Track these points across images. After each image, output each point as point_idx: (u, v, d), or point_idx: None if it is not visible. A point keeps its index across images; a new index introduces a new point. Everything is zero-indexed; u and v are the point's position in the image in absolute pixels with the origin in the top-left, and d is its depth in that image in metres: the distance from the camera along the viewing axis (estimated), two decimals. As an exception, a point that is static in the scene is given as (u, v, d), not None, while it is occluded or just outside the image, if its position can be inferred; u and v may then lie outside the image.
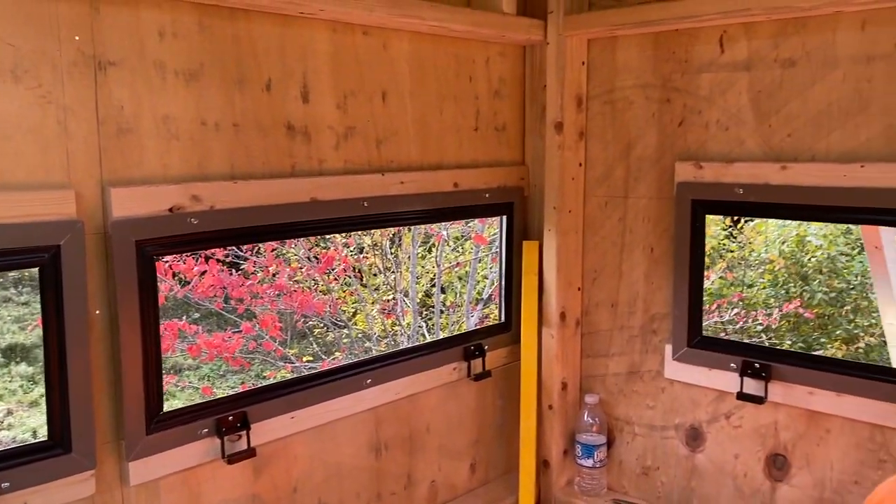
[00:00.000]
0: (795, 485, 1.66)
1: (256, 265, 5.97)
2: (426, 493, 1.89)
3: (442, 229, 5.87)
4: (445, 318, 6.44)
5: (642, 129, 1.85)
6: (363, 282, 6.37)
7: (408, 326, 6.15)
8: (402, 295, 6.23)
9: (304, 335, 6.94)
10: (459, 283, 6.60)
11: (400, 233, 6.16)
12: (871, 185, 1.49)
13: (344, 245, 6.29)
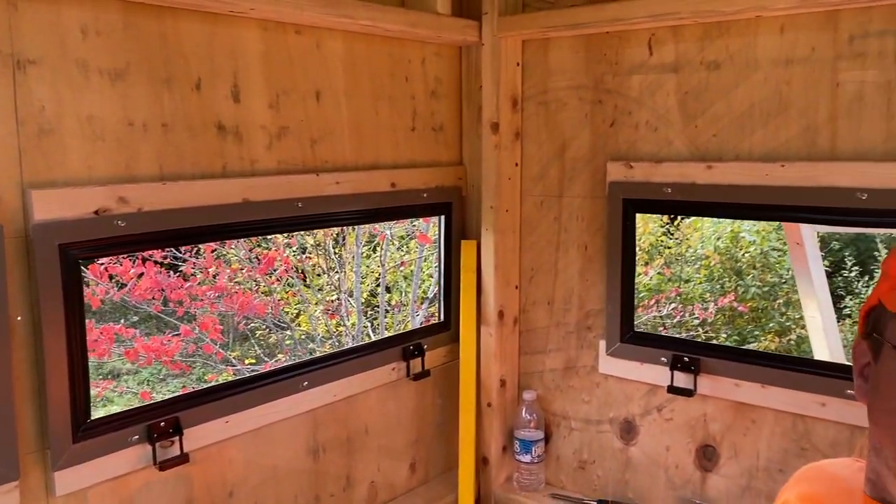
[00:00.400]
0: (724, 474, 1.71)
1: (196, 267, 5.86)
2: (365, 493, 1.89)
3: (386, 228, 5.86)
4: (391, 318, 6.43)
5: (576, 130, 1.88)
6: (306, 282, 6.32)
7: (352, 327, 6.12)
8: (347, 295, 6.20)
9: (246, 337, 6.84)
10: (405, 283, 6.60)
11: (344, 232, 6.13)
12: (791, 184, 1.54)
13: (286, 245, 6.22)
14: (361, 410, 1.85)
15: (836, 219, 1.54)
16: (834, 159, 1.50)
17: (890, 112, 1.44)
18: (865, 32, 1.46)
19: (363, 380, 1.82)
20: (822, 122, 1.52)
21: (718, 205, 1.67)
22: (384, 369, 1.87)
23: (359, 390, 1.82)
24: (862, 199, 1.45)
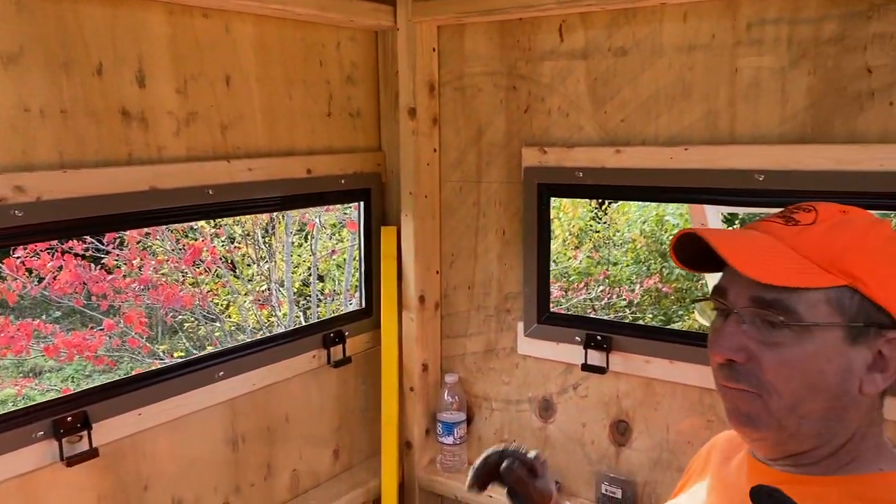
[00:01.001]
0: (637, 448, 1.77)
1: (119, 258, 5.69)
2: (288, 482, 1.89)
3: (315, 216, 5.80)
4: (323, 307, 6.38)
5: (491, 116, 1.90)
6: (236, 273, 6.21)
7: (284, 317, 6.05)
8: (278, 285, 6.12)
9: (175, 330, 6.68)
10: (337, 271, 6.56)
11: (274, 221, 6.04)
12: (694, 167, 1.60)
13: (214, 235, 6.09)
14: (282, 399, 1.84)
15: (736, 199, 1.60)
16: (733, 142, 1.56)
17: (784, 97, 1.51)
18: (762, 20, 1.51)
19: (283, 368, 1.81)
20: (723, 107, 1.57)
21: (627, 188, 1.72)
22: (304, 357, 1.87)
23: (278, 379, 1.81)
24: (759, 180, 1.52)
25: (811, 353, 0.85)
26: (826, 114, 1.46)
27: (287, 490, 1.89)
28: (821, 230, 0.88)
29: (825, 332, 0.85)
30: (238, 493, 1.76)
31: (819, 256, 0.86)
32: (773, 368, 0.86)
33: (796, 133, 1.50)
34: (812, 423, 0.87)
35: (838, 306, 0.85)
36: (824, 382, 0.85)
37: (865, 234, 0.87)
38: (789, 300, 0.85)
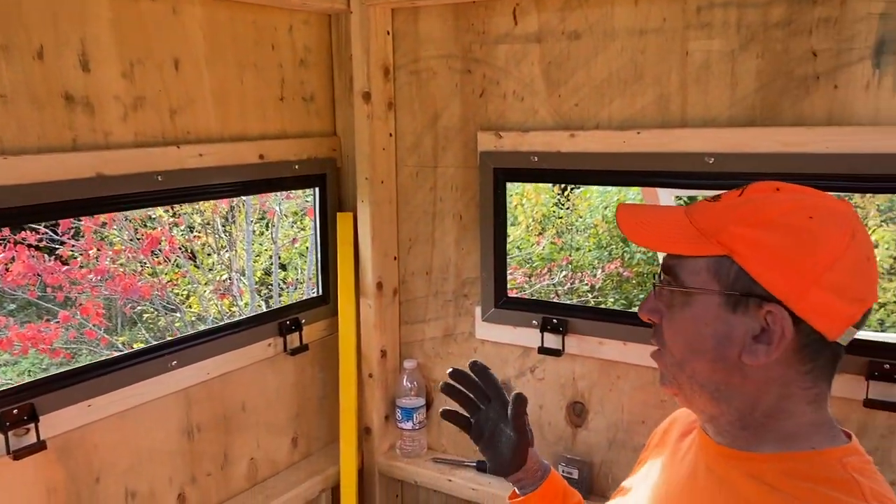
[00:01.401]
0: (593, 428, 1.79)
1: (75, 249, 5.57)
2: (245, 471, 1.87)
3: (275, 204, 5.74)
4: (286, 296, 6.33)
5: (447, 100, 1.89)
6: (196, 262, 6.12)
7: (246, 306, 5.99)
8: (239, 274, 6.05)
9: (134, 322, 6.57)
10: (300, 260, 6.51)
11: (234, 210, 5.96)
12: (646, 150, 1.61)
13: (173, 224, 6.00)
14: (238, 387, 1.82)
15: (687, 182, 1.62)
16: (684, 126, 1.58)
17: (734, 80, 1.52)
18: (711, 3, 1.53)
19: (238, 357, 1.79)
20: (674, 90, 1.59)
21: (582, 172, 1.73)
22: (260, 345, 1.85)
23: (234, 367, 1.79)
24: (709, 163, 1.54)
25: (691, 316, 0.92)
26: (774, 97, 1.48)
27: (245, 479, 1.87)
28: (724, 205, 0.93)
29: (704, 298, 0.91)
30: (194, 483, 1.74)
31: (707, 227, 0.92)
32: (667, 328, 0.96)
33: (745, 116, 1.52)
34: (701, 384, 0.93)
35: (716, 274, 0.90)
36: (702, 345, 0.91)
37: (762, 210, 0.89)
38: (677, 267, 0.94)
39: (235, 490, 1.85)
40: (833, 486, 0.84)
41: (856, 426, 1.45)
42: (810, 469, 0.87)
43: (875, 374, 1.40)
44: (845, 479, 0.84)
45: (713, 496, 0.91)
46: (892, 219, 7.92)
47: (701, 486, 0.94)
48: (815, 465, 0.87)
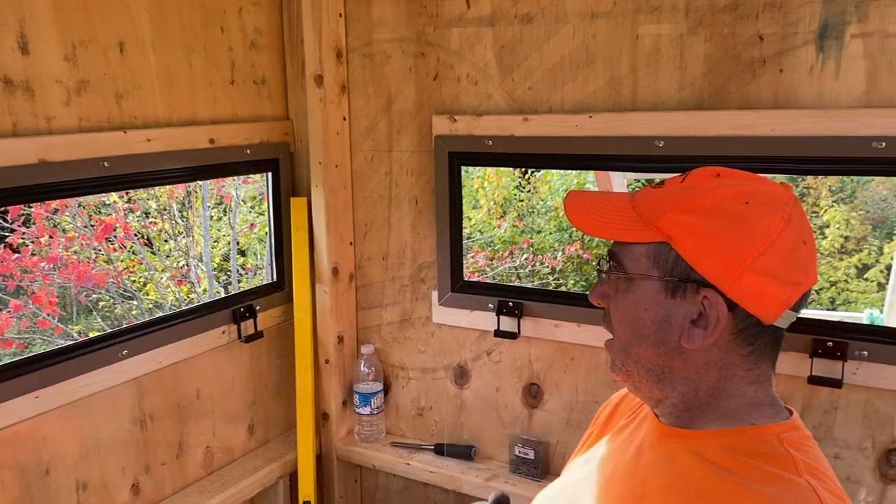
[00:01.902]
0: (548, 409, 1.82)
1: (25, 236, 5.43)
2: (201, 459, 1.85)
3: (232, 189, 5.66)
4: (245, 282, 6.26)
5: (401, 83, 1.88)
6: (152, 249, 6.02)
7: (204, 293, 5.92)
8: (197, 260, 5.96)
9: (89, 310, 6.45)
10: (259, 245, 6.44)
11: (191, 195, 5.87)
12: (598, 134, 1.62)
13: (128, 210, 5.88)
14: (191, 376, 1.80)
15: (637, 166, 1.64)
16: (635, 109, 1.59)
17: (682, 64, 1.54)
18: (661, -12, 1.54)
19: (191, 345, 1.77)
20: (625, 74, 1.60)
21: (535, 156, 1.73)
22: (213, 333, 1.82)
23: (187, 356, 1.77)
24: (659, 146, 1.55)
25: (632, 301, 0.94)
26: (722, 80, 1.50)
27: (201, 467, 1.86)
28: (665, 192, 0.94)
29: (644, 283, 0.93)
30: (148, 473, 1.72)
31: (648, 214, 0.93)
32: (613, 313, 0.97)
33: (694, 99, 1.53)
34: (646, 369, 0.95)
35: (655, 260, 0.92)
36: (643, 329, 0.93)
37: (699, 196, 0.90)
38: (620, 253, 0.96)
39: (191, 479, 1.84)
40: (768, 460, 0.86)
41: (800, 402, 1.49)
42: (748, 444, 0.89)
43: (819, 351, 1.44)
44: (781, 453, 0.87)
45: (656, 473, 0.93)
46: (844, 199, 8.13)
47: (645, 464, 0.96)
48: (752, 441, 0.89)
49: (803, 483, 0.82)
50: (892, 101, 1.35)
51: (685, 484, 0.88)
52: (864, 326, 1.55)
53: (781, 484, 0.82)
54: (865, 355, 1.41)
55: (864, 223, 7.83)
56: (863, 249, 7.66)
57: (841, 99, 1.40)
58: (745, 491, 0.83)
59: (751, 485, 0.83)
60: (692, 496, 0.86)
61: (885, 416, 1.42)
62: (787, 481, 0.83)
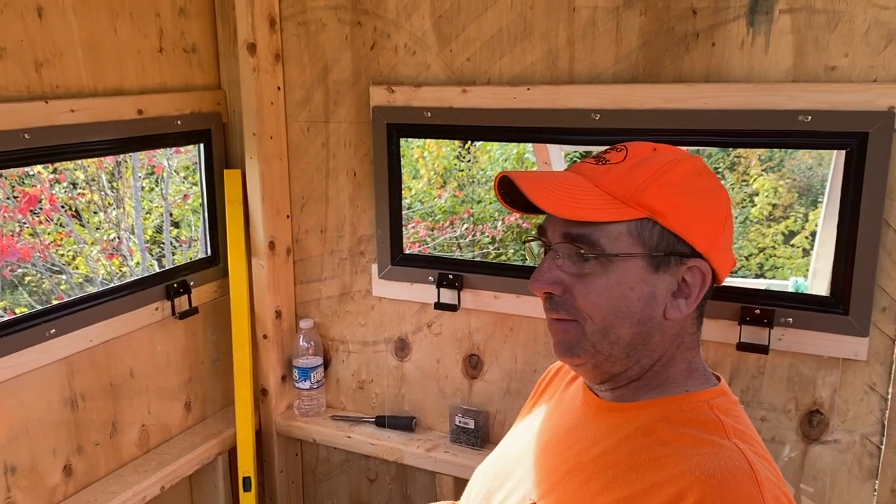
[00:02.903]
0: (488, 379, 1.84)
1: (-58, 210, 5.17)
2: (136, 438, 1.82)
3: (164, 159, 5.49)
4: (179, 254, 6.11)
5: (337, 53, 1.84)
6: (81, 221, 5.81)
7: (137, 266, 5.76)
8: (128, 233, 5.79)
9: (14, 285, 6.20)
10: (193, 217, 6.27)
11: (120, 165, 5.67)
12: (536, 107, 1.63)
13: (54, 181, 5.65)
14: (124, 354, 1.75)
15: (574, 139, 1.65)
16: (572, 82, 1.60)
17: (618, 36, 1.55)
18: (597, -40, 1.54)
19: (122, 322, 1.72)
20: (562, 46, 1.60)
21: (474, 128, 1.72)
22: (146, 310, 1.78)
23: (118, 333, 1.72)
24: (595, 119, 1.57)
25: (615, 282, 0.92)
26: (656, 54, 1.52)
27: (136, 446, 1.82)
28: (625, 168, 0.95)
29: (628, 262, 0.92)
30: (81, 454, 1.68)
31: (621, 192, 0.92)
32: (583, 297, 0.93)
33: (629, 73, 1.55)
34: (622, 347, 0.95)
35: (639, 237, 0.92)
36: (629, 308, 0.93)
37: (666, 170, 0.93)
38: (593, 234, 0.92)
39: (127, 458, 1.80)
40: (699, 426, 0.90)
41: (729, 368, 1.55)
42: (680, 412, 0.92)
43: (747, 319, 1.49)
44: (711, 419, 0.90)
45: (590, 444, 0.96)
46: (772, 168, 8.40)
47: (580, 436, 0.98)
48: (685, 408, 0.92)
49: (732, 447, 0.86)
50: (817, 76, 1.39)
51: (619, 454, 0.91)
52: (790, 294, 1.62)
53: (712, 448, 0.86)
54: (790, 322, 1.47)
55: (791, 191, 8.11)
56: (789, 217, 7.94)
57: (770, 73, 1.43)
58: (678, 457, 0.86)
59: (683, 451, 0.86)
60: (626, 466, 0.89)
61: (807, 379, 1.49)
62: (716, 446, 0.86)
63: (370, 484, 2.06)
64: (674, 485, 0.82)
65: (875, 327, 1.41)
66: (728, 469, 0.82)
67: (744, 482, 0.81)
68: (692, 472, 0.82)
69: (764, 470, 0.83)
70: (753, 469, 0.82)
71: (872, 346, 1.42)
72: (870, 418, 1.45)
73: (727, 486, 0.80)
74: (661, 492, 0.82)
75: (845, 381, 1.46)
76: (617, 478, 0.88)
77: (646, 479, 0.85)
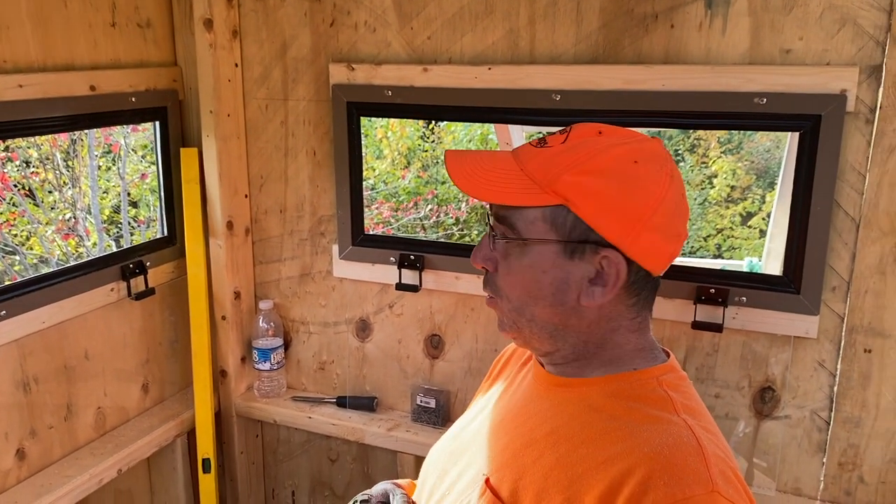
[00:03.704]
0: (449, 359, 1.85)
1: None
2: (92, 420, 1.79)
3: (120, 137, 5.37)
4: (138, 235, 6.01)
5: (296, 29, 1.81)
6: (35, 200, 5.67)
7: (94, 246, 5.64)
8: (84, 213, 5.67)
9: (-34, 266, 6.03)
10: (151, 196, 6.16)
11: (76, 143, 5.53)
12: (497, 87, 1.62)
13: (6, 160, 5.50)
14: (79, 335, 1.72)
15: (536, 119, 1.65)
16: (533, 62, 1.60)
17: (579, 17, 1.55)
18: (558, -62, 1.53)
19: (76, 304, 1.69)
20: (523, 26, 1.59)
21: (435, 108, 1.72)
22: (101, 291, 1.74)
23: (72, 315, 1.68)
24: (556, 100, 1.57)
25: (529, 265, 0.94)
26: (616, 35, 1.52)
27: (92, 429, 1.79)
28: (554, 152, 0.94)
29: (541, 247, 0.93)
30: (34, 437, 1.64)
31: (541, 177, 0.92)
32: (503, 276, 0.97)
33: (590, 53, 1.55)
34: (540, 326, 0.97)
35: (553, 224, 0.92)
36: (541, 291, 0.94)
37: (593, 155, 0.91)
38: (512, 217, 0.94)
39: (82, 441, 1.77)
40: (648, 402, 0.91)
41: (684, 346, 1.58)
42: (630, 388, 0.93)
43: (702, 298, 1.52)
44: (661, 395, 0.92)
45: (543, 420, 0.97)
46: (731, 150, 8.53)
47: (532, 412, 0.99)
48: (634, 385, 0.94)
49: (681, 422, 0.87)
50: (773, 59, 1.41)
51: (570, 429, 0.92)
52: (744, 274, 1.65)
53: (660, 425, 0.87)
54: (744, 301, 1.50)
55: (749, 173, 8.25)
56: (747, 198, 8.09)
57: (727, 55, 1.45)
58: (628, 433, 0.87)
59: (633, 427, 0.88)
60: (577, 441, 0.90)
61: (760, 357, 1.52)
62: (665, 421, 0.88)
63: (331, 464, 2.06)
64: (623, 461, 0.83)
65: (825, 306, 1.45)
66: (675, 445, 0.83)
67: (691, 458, 0.82)
68: (640, 449, 0.84)
69: (711, 445, 0.85)
70: (701, 444, 0.84)
71: (822, 325, 1.46)
72: (819, 394, 1.49)
73: (674, 462, 0.82)
74: (612, 468, 0.84)
75: (796, 359, 1.50)
76: (569, 453, 0.89)
77: (596, 456, 0.86)
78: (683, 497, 0.78)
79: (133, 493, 1.97)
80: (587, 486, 0.84)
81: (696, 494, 0.79)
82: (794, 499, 1.55)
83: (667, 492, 0.79)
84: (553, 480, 0.88)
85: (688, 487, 0.79)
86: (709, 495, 0.79)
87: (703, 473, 0.81)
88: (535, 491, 0.89)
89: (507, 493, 0.91)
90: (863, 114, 1.36)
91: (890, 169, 1.35)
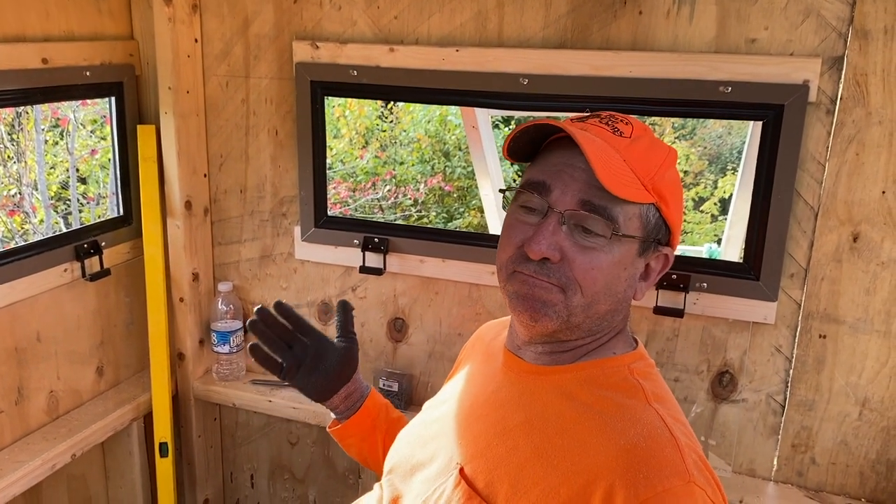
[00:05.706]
0: (412, 343, 1.84)
1: None
2: (44, 404, 1.74)
3: (69, 112, 5.20)
4: (87, 212, 5.84)
5: (258, 5, 1.76)
6: (-23, 176, 5.45)
7: (41, 224, 5.47)
8: (31, 188, 5.48)
9: None
10: (101, 173, 5.99)
11: (21, 116, 5.33)
12: (464, 69, 1.61)
13: (-54, 133, 5.28)
14: (30, 317, 1.66)
15: (503, 103, 1.64)
16: (501, 45, 1.58)
17: (547, 0, 1.54)
18: (528, -79, 1.52)
19: (27, 285, 1.63)
20: (491, 8, 1.58)
21: (401, 88, 1.69)
22: (53, 271, 1.69)
23: (22, 296, 1.63)
24: (524, 84, 1.56)
25: (615, 261, 0.92)
26: (584, 20, 1.52)
27: (44, 413, 1.74)
28: (643, 146, 0.94)
29: (629, 243, 0.92)
30: (-17, 423, 1.59)
31: (642, 173, 0.92)
32: (583, 270, 0.90)
33: (558, 38, 1.55)
34: (594, 321, 0.95)
35: (644, 221, 0.93)
36: (617, 287, 0.94)
37: (666, 156, 0.95)
38: (614, 210, 0.90)
39: (34, 425, 1.72)
40: (619, 390, 0.92)
41: (646, 331, 1.60)
42: (602, 375, 0.95)
43: (664, 283, 1.54)
44: (632, 384, 0.93)
45: (516, 409, 0.97)
46: (685, 136, 8.66)
47: (504, 400, 0.99)
48: (606, 371, 0.95)
49: (652, 413, 0.88)
50: (738, 48, 1.43)
51: (544, 419, 0.93)
52: (705, 260, 1.68)
53: (634, 414, 0.88)
54: (704, 287, 1.52)
55: (701, 159, 8.39)
56: (700, 183, 8.23)
57: (694, 43, 1.46)
58: (601, 423, 0.88)
59: (605, 417, 0.88)
60: (552, 431, 0.90)
61: (719, 341, 1.56)
62: (638, 412, 0.89)
63: (291, 447, 2.04)
64: (599, 454, 0.85)
65: (783, 292, 1.49)
66: (650, 437, 0.85)
67: (667, 450, 0.84)
68: (616, 442, 0.85)
69: (683, 436, 0.87)
70: (674, 435, 0.85)
71: (780, 311, 1.49)
72: (775, 378, 1.53)
73: (651, 454, 0.83)
74: (588, 460, 0.85)
75: (754, 344, 1.53)
76: (543, 443, 0.90)
77: (572, 447, 0.87)
78: (663, 489, 0.80)
79: (87, 479, 1.93)
80: (563, 479, 0.85)
81: (675, 486, 0.80)
82: (748, 479, 1.59)
83: (647, 484, 0.80)
84: (528, 472, 0.88)
85: (666, 479, 0.80)
86: (686, 486, 0.80)
87: (679, 465, 0.82)
88: (511, 483, 0.89)
89: (483, 485, 0.91)
90: (824, 104, 1.39)
91: (849, 159, 1.39)
